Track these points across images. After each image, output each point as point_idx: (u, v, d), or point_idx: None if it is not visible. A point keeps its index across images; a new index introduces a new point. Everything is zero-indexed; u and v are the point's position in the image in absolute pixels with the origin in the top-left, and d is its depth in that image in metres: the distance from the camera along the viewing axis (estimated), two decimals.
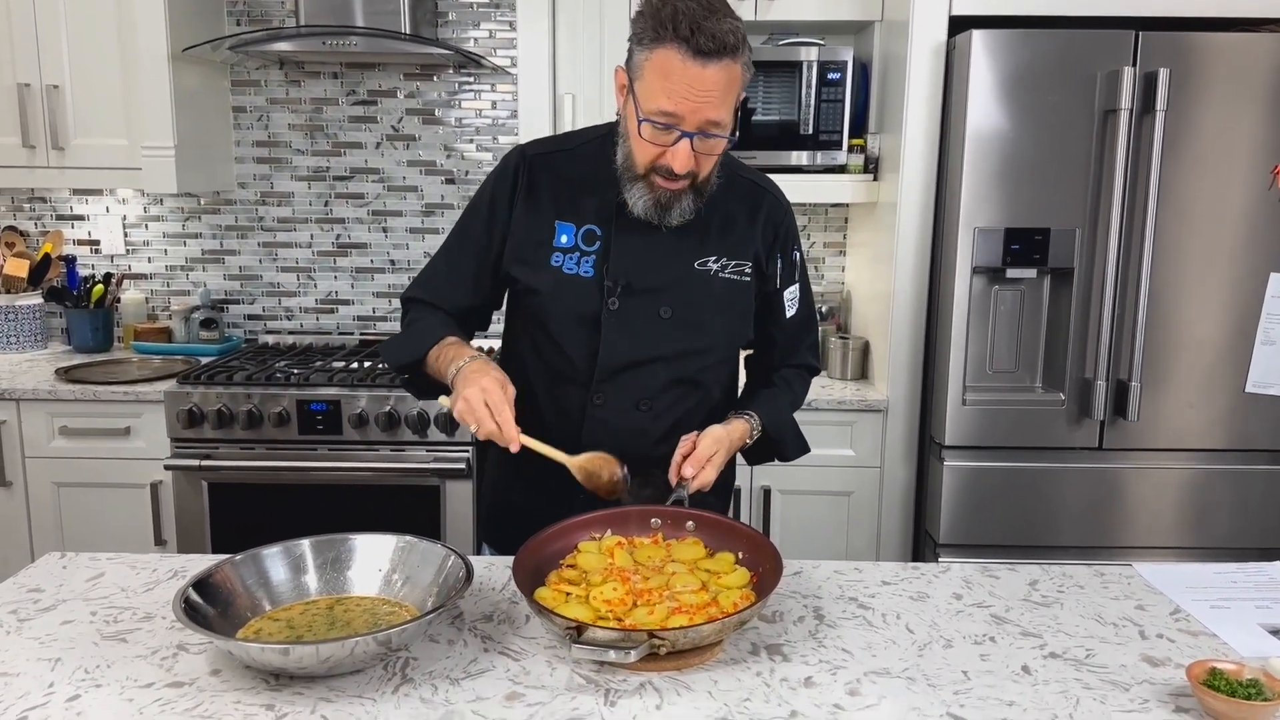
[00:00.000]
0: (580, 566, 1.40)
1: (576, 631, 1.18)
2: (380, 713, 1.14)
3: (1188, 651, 1.31)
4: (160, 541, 2.79)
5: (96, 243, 3.37)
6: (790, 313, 1.73)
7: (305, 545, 1.40)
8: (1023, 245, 2.50)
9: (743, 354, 1.79)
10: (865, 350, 2.96)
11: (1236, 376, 2.56)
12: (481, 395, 1.41)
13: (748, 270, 1.63)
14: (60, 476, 2.80)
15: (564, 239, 1.59)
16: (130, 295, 3.34)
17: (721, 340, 1.66)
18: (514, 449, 1.42)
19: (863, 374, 2.97)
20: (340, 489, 2.71)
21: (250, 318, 3.40)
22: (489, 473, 1.82)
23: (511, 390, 1.45)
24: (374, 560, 1.41)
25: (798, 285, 1.73)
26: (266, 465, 2.68)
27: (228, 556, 1.36)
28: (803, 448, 1.78)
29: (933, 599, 1.46)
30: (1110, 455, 2.59)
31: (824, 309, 3.17)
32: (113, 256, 3.37)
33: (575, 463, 1.47)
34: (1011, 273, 2.53)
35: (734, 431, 1.62)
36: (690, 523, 1.50)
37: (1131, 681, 1.23)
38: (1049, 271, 2.57)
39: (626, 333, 1.58)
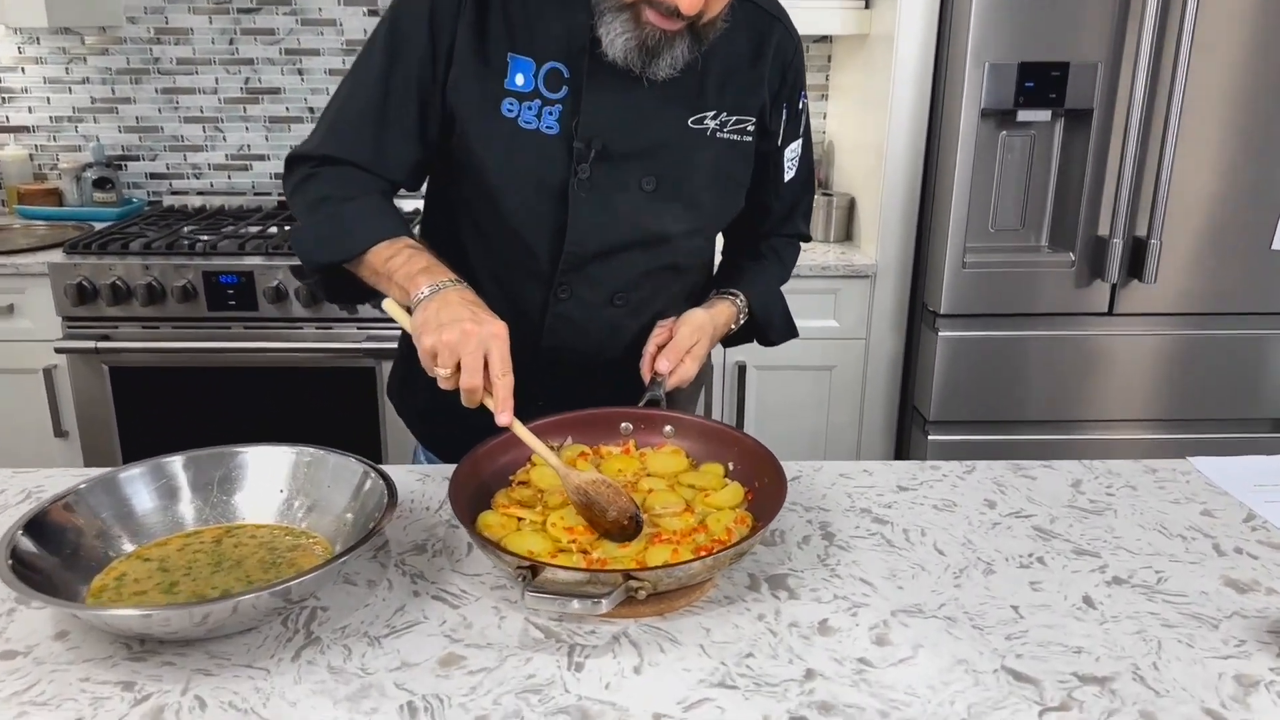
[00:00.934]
0: (535, 484, 1.12)
1: (530, 573, 0.91)
2: (275, 689, 0.87)
3: (1275, 571, 1.08)
4: (60, 433, 2.47)
5: None
6: (790, 174, 1.41)
7: (177, 463, 1.10)
8: (1037, 83, 2.18)
9: None
10: (850, 209, 2.65)
11: (1262, 235, 2.30)
12: (487, 343, 1.03)
13: (750, 127, 1.30)
14: None
15: (519, 79, 1.20)
16: (10, 151, 2.90)
17: (714, 218, 1.35)
18: (504, 419, 1.04)
19: (847, 235, 2.67)
20: (262, 373, 2.40)
21: (153, 176, 2.99)
22: (400, 353, 1.50)
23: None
24: (270, 479, 1.11)
25: (800, 141, 1.41)
26: (173, 347, 2.35)
27: (80, 481, 1.05)
28: (790, 332, 1.51)
29: (961, 508, 1.21)
30: (1121, 321, 2.35)
31: None
32: None
33: (575, 483, 1.05)
34: (1023, 115, 2.22)
35: (718, 316, 1.33)
36: (668, 427, 1.23)
37: (1219, 615, 0.99)
38: (1064, 114, 2.26)
39: (600, 210, 1.24)
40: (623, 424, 1.23)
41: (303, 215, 1.22)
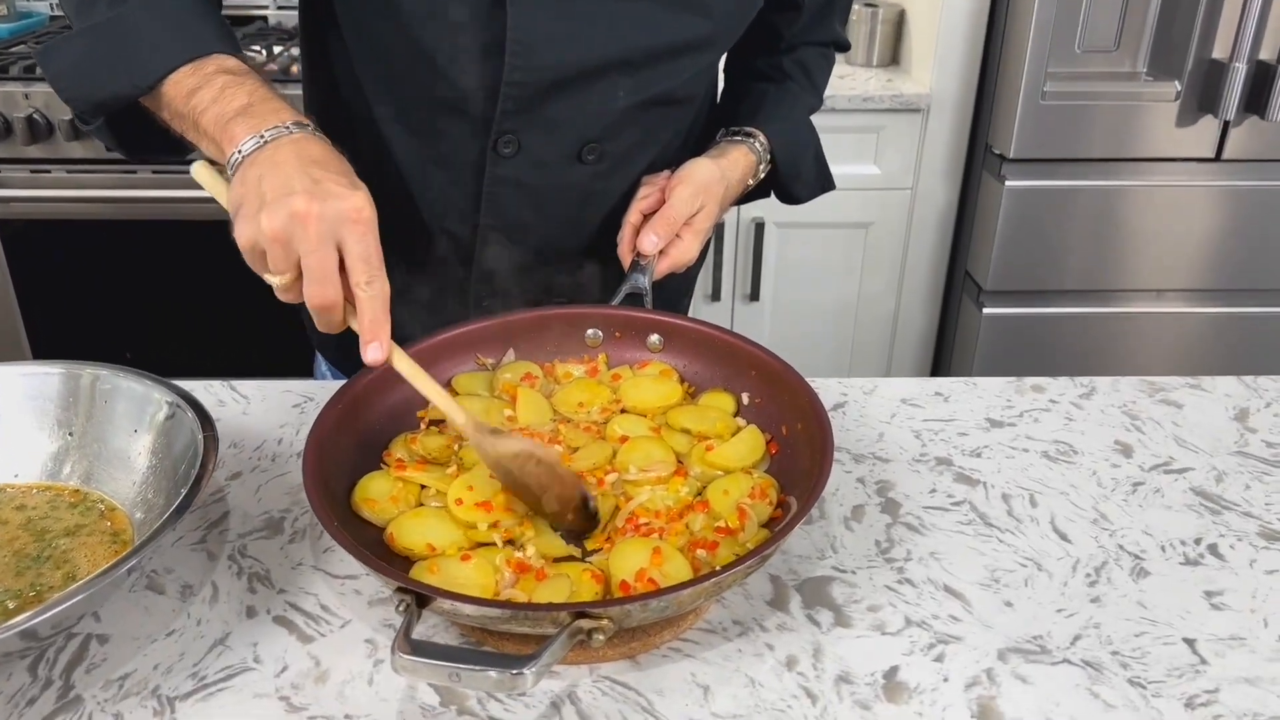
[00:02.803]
0: (452, 427, 0.73)
1: (415, 603, 0.54)
2: None
3: None
4: None
5: None
6: None
7: None
8: None
9: None
10: (899, 23, 2.16)
11: None
12: (341, 228, 0.63)
13: None
14: None
15: None
16: None
17: (726, 26, 0.90)
18: (374, 355, 0.65)
19: (893, 59, 2.19)
20: (174, 226, 1.99)
21: None
22: None
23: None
24: (39, 415, 0.73)
25: None
26: (69, 195, 1.93)
27: None
28: (825, 182, 1.10)
29: (1085, 456, 0.82)
30: (1230, 169, 1.91)
31: None
32: None
33: (494, 454, 0.67)
34: None
35: (730, 169, 0.93)
36: (654, 336, 0.84)
37: None
38: None
39: (560, 16, 0.81)
40: (589, 330, 0.84)
41: (73, 21, 0.78)
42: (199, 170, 0.70)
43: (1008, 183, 1.90)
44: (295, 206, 0.62)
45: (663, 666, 0.61)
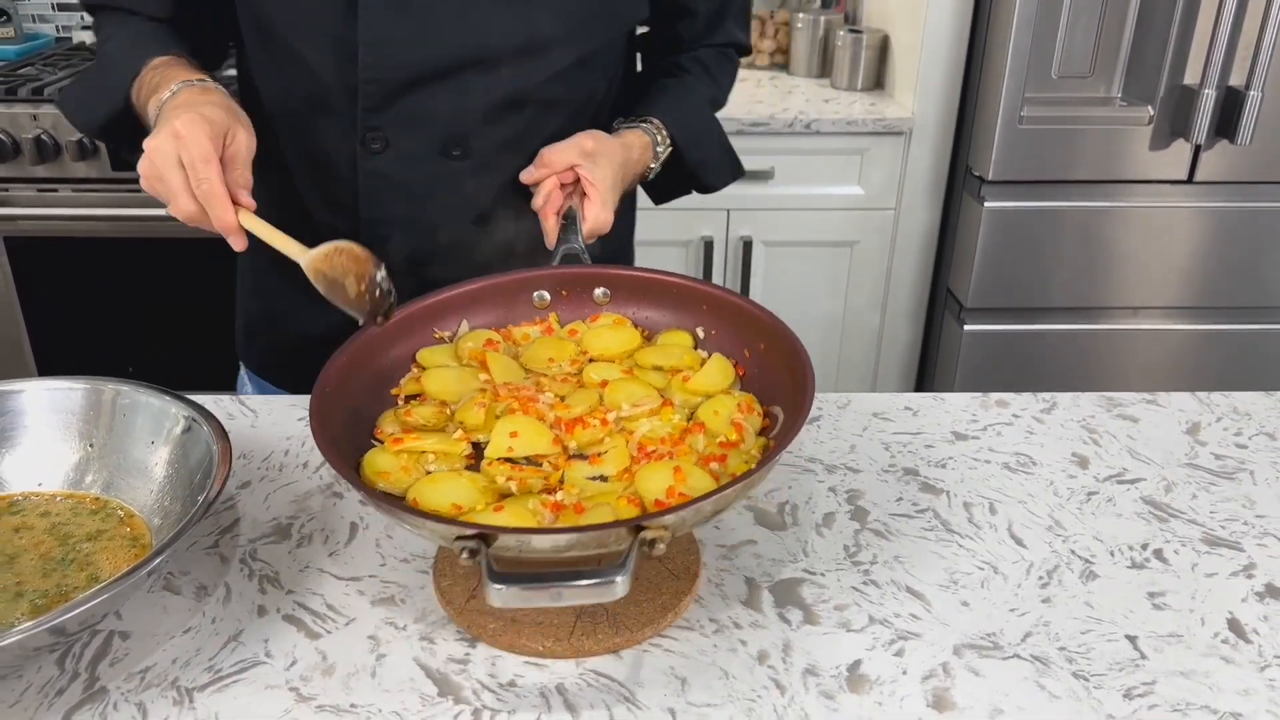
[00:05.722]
0: (432, 394, 0.78)
1: (482, 544, 0.57)
2: None
3: None
4: None
5: None
6: None
7: None
8: None
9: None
10: (883, 49, 2.22)
11: None
12: (172, 147, 0.77)
13: None
14: None
15: None
16: None
17: (584, 24, 0.96)
18: (237, 245, 0.80)
19: (878, 83, 2.25)
20: (174, 244, 2.04)
21: (62, 8, 2.54)
22: (241, 261, 1.15)
23: (244, 137, 0.80)
24: (63, 429, 0.78)
25: None
26: (74, 214, 1.99)
27: None
28: (734, 169, 1.14)
29: (1041, 466, 0.88)
30: (1202, 191, 1.97)
31: None
32: None
33: (308, 261, 0.78)
34: None
35: (630, 147, 0.98)
36: (600, 289, 0.87)
37: None
38: None
39: (407, 15, 0.89)
40: (536, 293, 0.87)
41: None
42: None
43: (987, 204, 1.96)
44: (147, 145, 0.77)
45: (644, 660, 0.66)
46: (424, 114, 0.92)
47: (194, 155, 0.76)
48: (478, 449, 0.73)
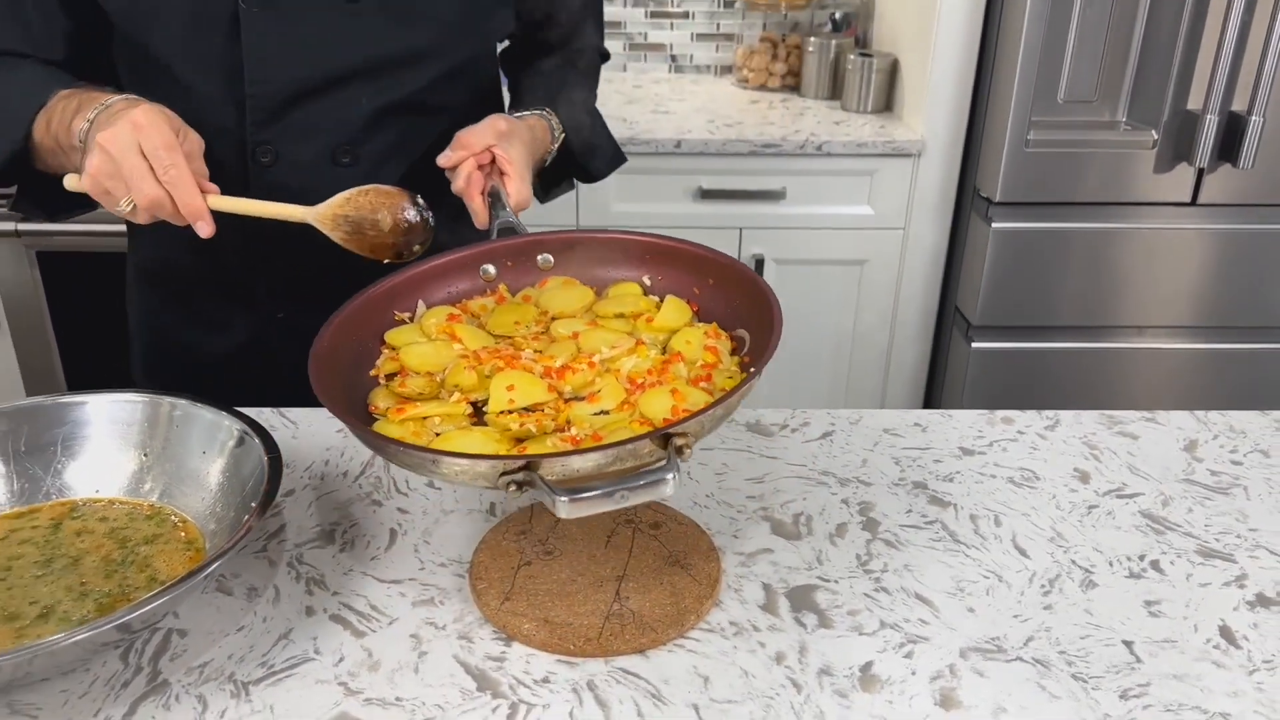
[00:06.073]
0: (414, 369, 0.80)
1: (527, 474, 0.61)
2: None
3: None
4: None
5: None
6: None
7: None
8: None
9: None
10: (893, 72, 2.27)
11: None
12: (132, 136, 0.79)
13: None
14: None
15: None
16: None
17: (455, 34, 1.02)
18: (204, 231, 0.83)
19: (887, 105, 2.30)
20: None
21: None
22: (133, 285, 1.22)
23: (194, 136, 0.85)
24: (122, 439, 0.83)
25: None
26: (106, 229, 2.04)
27: None
28: (616, 157, 1.20)
29: (1045, 481, 0.92)
30: (1206, 213, 2.01)
31: (837, 14, 2.44)
32: None
33: (323, 215, 0.84)
34: None
35: (534, 129, 1.03)
36: (543, 255, 0.91)
37: None
38: None
39: (287, 34, 0.95)
40: (481, 267, 0.90)
41: None
42: (68, 180, 0.86)
43: (994, 224, 2.00)
44: (99, 140, 0.79)
45: (668, 660, 0.71)
46: (310, 125, 0.98)
47: (156, 143, 0.79)
48: (476, 410, 0.76)
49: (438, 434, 0.73)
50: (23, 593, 0.73)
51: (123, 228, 2.03)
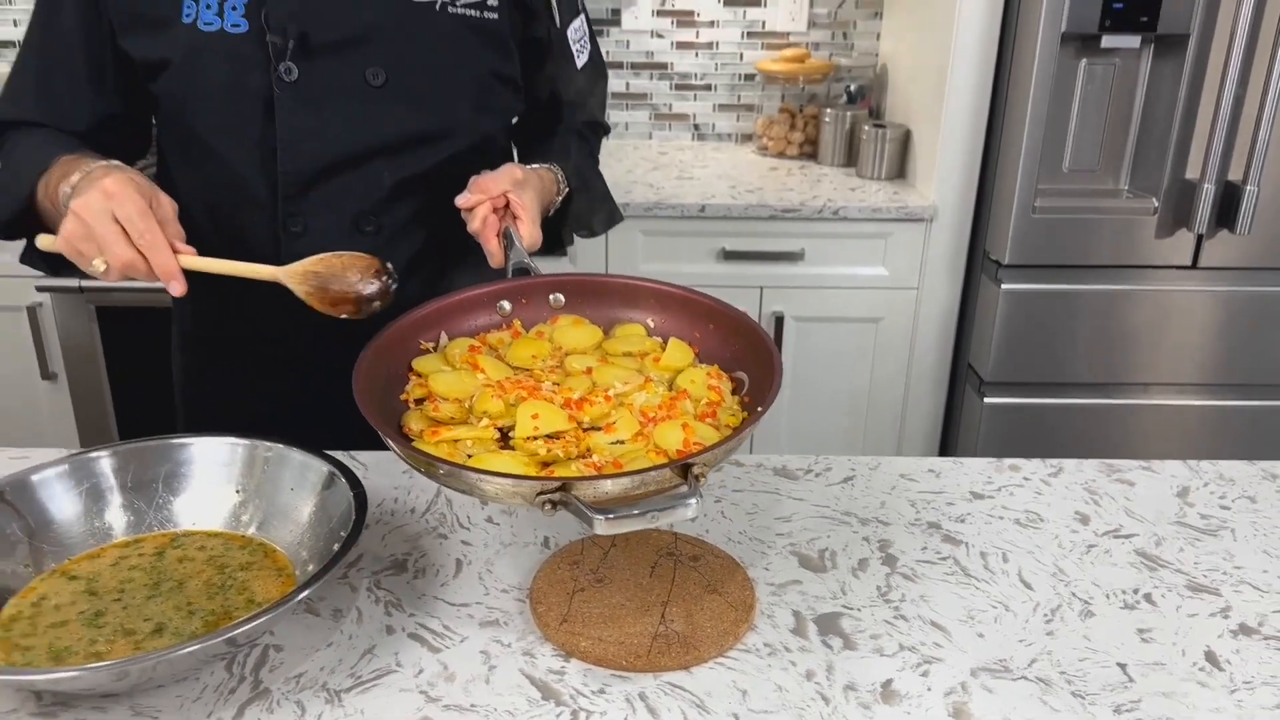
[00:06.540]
0: (441, 395, 0.88)
1: (562, 494, 0.69)
2: None
3: None
4: (48, 375, 2.32)
5: None
6: (582, 60, 1.22)
7: (107, 459, 0.92)
8: (1127, 3, 1.91)
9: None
10: (905, 142, 2.40)
11: None
12: (105, 204, 0.86)
13: (493, 2, 1.11)
14: None
15: None
16: None
17: (469, 116, 1.13)
18: (176, 290, 0.89)
19: (900, 172, 2.42)
20: None
21: None
22: (174, 330, 1.30)
23: (165, 200, 0.92)
24: (221, 478, 0.93)
25: (582, 18, 1.22)
26: (162, 287, 2.16)
27: None
28: (613, 215, 1.30)
29: (1048, 523, 1.01)
30: (1206, 276, 2.11)
31: (852, 87, 2.57)
32: None
33: (293, 272, 0.92)
34: (1108, 41, 1.95)
35: (544, 179, 1.12)
36: (555, 295, 0.99)
37: None
38: (1155, 39, 1.98)
39: (317, 116, 1.06)
40: (498, 303, 0.99)
41: None
42: (41, 240, 0.94)
43: (1004, 285, 2.11)
44: (73, 207, 0.86)
45: (710, 675, 0.79)
46: (336, 197, 1.09)
47: (130, 210, 0.86)
48: (502, 435, 0.84)
49: (469, 455, 0.81)
50: (137, 611, 0.83)
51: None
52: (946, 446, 2.42)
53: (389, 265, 0.94)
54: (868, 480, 1.08)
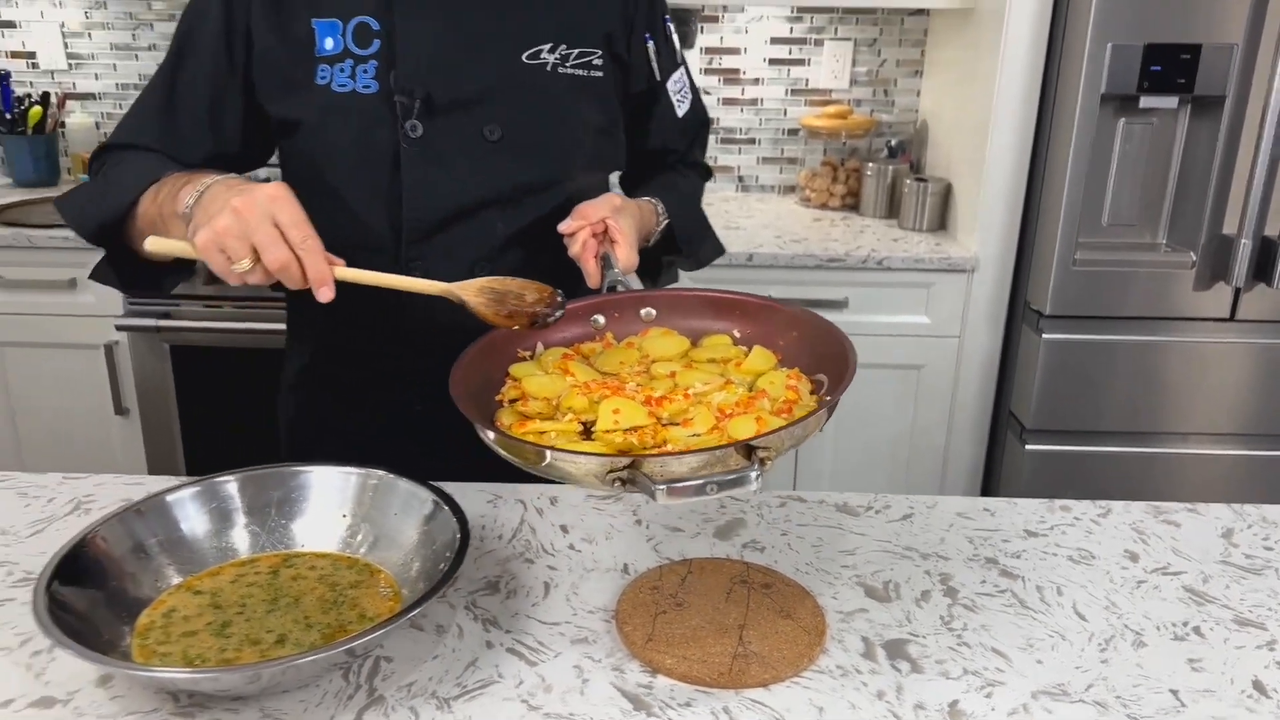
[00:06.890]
0: (533, 394, 0.95)
1: (631, 472, 0.75)
2: None
3: None
4: (121, 410, 2.43)
5: (33, 55, 2.85)
6: (682, 110, 1.31)
7: (232, 483, 1.00)
8: (1165, 66, 1.99)
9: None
10: (946, 195, 2.48)
11: None
12: (268, 206, 0.88)
13: (597, 61, 1.20)
14: (2, 335, 2.41)
15: (329, 43, 1.13)
16: (77, 119, 2.85)
17: (578, 167, 1.22)
18: (325, 296, 0.91)
19: (941, 224, 2.50)
20: None
21: None
22: (289, 368, 1.35)
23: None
24: (333, 503, 1.01)
25: (682, 69, 1.31)
26: (235, 327, 2.28)
27: (123, 505, 0.96)
28: (717, 248, 1.38)
29: (1100, 560, 1.06)
30: (1243, 328, 2.16)
31: (893, 142, 2.66)
32: (53, 72, 2.86)
33: (466, 285, 0.96)
34: (1146, 101, 2.03)
35: (643, 209, 1.20)
36: (646, 309, 1.06)
37: None
38: (1192, 100, 2.06)
39: (440, 169, 1.15)
40: (592, 317, 1.06)
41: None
42: (152, 242, 0.95)
43: (1045, 335, 2.17)
44: (234, 204, 0.87)
45: (788, 693, 0.86)
46: (455, 244, 1.17)
47: (294, 214, 0.88)
48: (585, 430, 0.90)
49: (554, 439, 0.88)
50: (259, 624, 0.91)
51: (246, 326, 2.27)
52: (988, 492, 2.47)
53: (560, 292, 1.00)
54: (926, 518, 1.14)
